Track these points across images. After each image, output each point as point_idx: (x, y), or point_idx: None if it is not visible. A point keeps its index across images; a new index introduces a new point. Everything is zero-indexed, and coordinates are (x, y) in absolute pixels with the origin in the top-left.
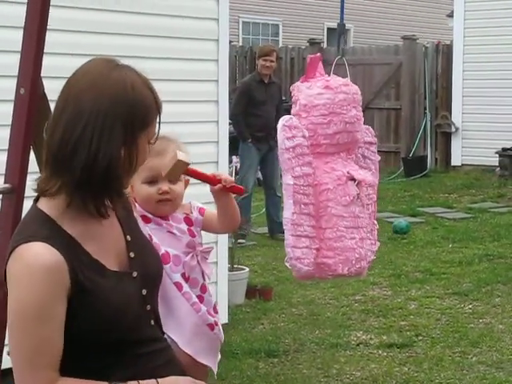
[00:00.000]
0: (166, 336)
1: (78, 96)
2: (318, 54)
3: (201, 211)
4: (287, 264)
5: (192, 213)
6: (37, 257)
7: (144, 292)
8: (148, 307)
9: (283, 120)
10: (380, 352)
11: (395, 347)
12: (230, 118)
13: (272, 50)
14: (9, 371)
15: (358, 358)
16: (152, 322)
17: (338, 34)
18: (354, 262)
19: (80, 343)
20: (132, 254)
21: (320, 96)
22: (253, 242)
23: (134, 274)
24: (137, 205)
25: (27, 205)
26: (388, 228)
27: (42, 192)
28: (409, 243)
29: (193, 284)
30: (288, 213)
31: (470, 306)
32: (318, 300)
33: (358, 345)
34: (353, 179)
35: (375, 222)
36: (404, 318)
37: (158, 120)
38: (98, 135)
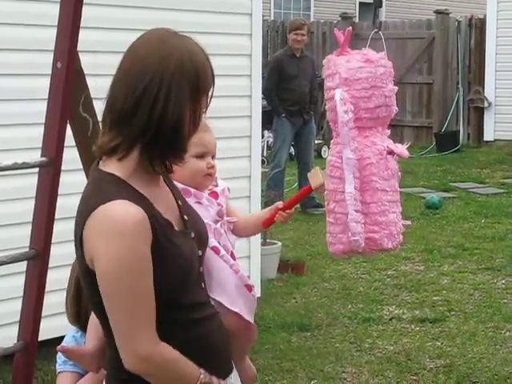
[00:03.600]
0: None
1: (144, 58)
2: (350, 28)
3: (228, 189)
4: (351, 239)
5: (217, 186)
6: (124, 213)
7: (199, 253)
8: (201, 269)
9: (340, 94)
10: (413, 326)
11: (428, 322)
12: (262, 93)
13: (303, 23)
14: (44, 343)
15: (391, 332)
16: (203, 285)
17: (374, 7)
18: (396, 235)
19: None
20: (186, 217)
21: (361, 69)
22: None
23: (192, 235)
24: None
25: (64, 179)
26: (420, 203)
27: (103, 151)
28: (441, 218)
29: (224, 250)
30: (351, 187)
31: (503, 282)
32: (351, 274)
33: (390, 319)
34: (392, 153)
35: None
36: (436, 293)
37: (212, 90)
38: (164, 94)
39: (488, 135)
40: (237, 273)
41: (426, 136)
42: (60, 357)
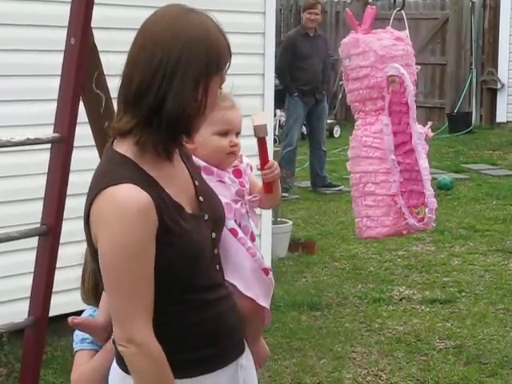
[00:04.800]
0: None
1: (156, 36)
2: (374, 7)
3: (250, 167)
4: (430, 215)
5: (242, 163)
6: (130, 197)
7: (214, 235)
8: (215, 251)
9: (401, 68)
10: (423, 307)
11: (438, 303)
12: (275, 72)
13: (316, 2)
14: (54, 318)
15: (401, 312)
16: (217, 267)
17: None
18: (434, 215)
19: (156, 286)
20: (201, 198)
21: (395, 47)
22: (296, 196)
23: (206, 217)
24: None
25: (76, 155)
26: (432, 184)
27: (116, 132)
28: (453, 199)
29: (244, 231)
30: (426, 162)
31: None
32: (361, 254)
33: (400, 300)
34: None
35: None
36: (447, 274)
37: (228, 65)
38: (170, 74)
39: (501, 117)
40: (253, 256)
41: (439, 117)
42: (77, 335)
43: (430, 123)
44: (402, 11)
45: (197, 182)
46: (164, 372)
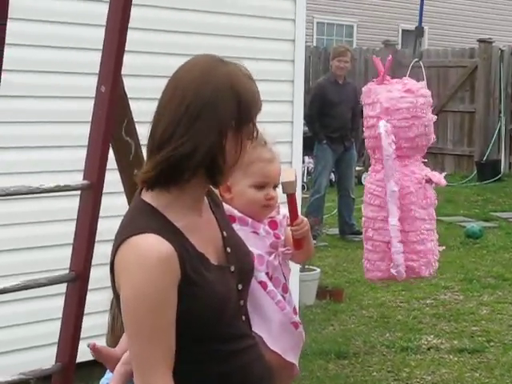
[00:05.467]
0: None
1: (185, 85)
2: (390, 57)
3: (287, 219)
4: (393, 271)
5: (278, 214)
6: (152, 248)
7: (240, 287)
8: (241, 302)
9: (385, 126)
10: (451, 357)
11: (466, 352)
12: (304, 119)
13: (346, 50)
14: (81, 365)
15: (429, 362)
16: (243, 318)
17: (415, 36)
18: (433, 263)
19: (178, 336)
20: (229, 249)
21: (402, 99)
22: (324, 243)
23: (232, 269)
24: (225, 205)
25: (106, 201)
26: (460, 232)
27: (141, 181)
28: (481, 248)
29: (275, 284)
30: (395, 220)
31: None
32: (389, 303)
33: (428, 349)
34: (430, 181)
35: None
36: (476, 323)
37: (257, 117)
38: (193, 122)
39: None
40: (283, 310)
41: (467, 165)
42: (102, 382)
43: (444, 173)
44: (420, 62)
45: (225, 233)
46: None
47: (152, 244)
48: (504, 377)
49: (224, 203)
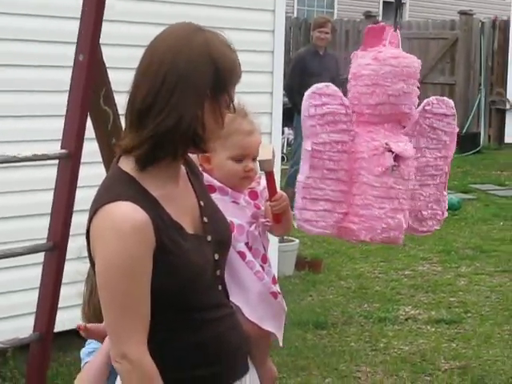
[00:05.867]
0: (232, 303)
1: (160, 54)
2: (382, 24)
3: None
4: (294, 224)
5: (259, 185)
6: (127, 216)
7: (216, 257)
8: (218, 272)
9: (314, 87)
10: (428, 327)
11: (444, 323)
12: (284, 90)
13: (327, 21)
14: (60, 334)
15: (407, 332)
16: (220, 288)
17: (394, 7)
18: (379, 231)
19: (153, 304)
20: (206, 219)
21: (367, 66)
22: None
23: (209, 238)
24: (205, 175)
25: (84, 171)
26: None
27: (121, 150)
28: (460, 220)
29: (255, 254)
30: (301, 177)
31: None
32: (367, 274)
33: (406, 319)
34: (390, 151)
35: (444, 193)
36: (453, 295)
37: (236, 85)
38: (171, 91)
39: (509, 137)
40: (261, 280)
41: None
42: (83, 351)
43: (409, 144)
44: (398, 32)
45: (202, 203)
46: None
47: (127, 212)
48: (480, 347)
49: (204, 173)
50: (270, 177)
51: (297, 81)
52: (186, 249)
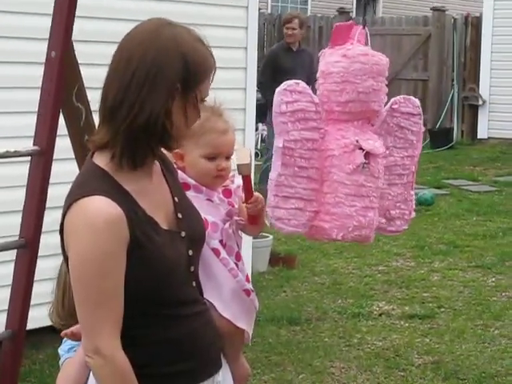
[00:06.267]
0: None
1: (130, 50)
2: (350, 22)
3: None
4: (267, 223)
5: (233, 183)
6: (100, 210)
7: (190, 253)
8: (192, 268)
9: (285, 85)
10: (402, 323)
11: (417, 318)
12: (257, 86)
13: (293, 17)
14: (32, 332)
15: (380, 328)
16: (194, 284)
17: (363, 4)
18: (350, 229)
19: (128, 299)
20: (180, 215)
21: (336, 64)
22: None
23: (183, 234)
24: (180, 172)
25: (56, 168)
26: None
27: (94, 146)
28: (433, 215)
29: (229, 252)
30: (273, 174)
31: (493, 280)
32: (341, 269)
33: (380, 315)
34: (361, 148)
35: (411, 192)
36: (426, 290)
37: (211, 78)
38: (141, 87)
39: (482, 133)
40: (235, 277)
41: None
42: (62, 348)
43: (380, 142)
44: (366, 28)
45: (176, 199)
46: None
47: (100, 206)
48: (454, 342)
49: (179, 170)
50: (246, 180)
51: (269, 76)
52: (159, 243)
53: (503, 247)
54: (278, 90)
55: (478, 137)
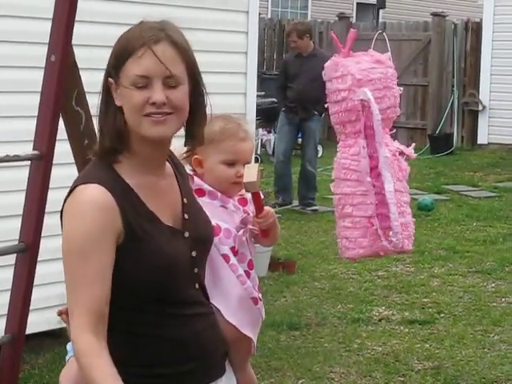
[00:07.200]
0: (211, 305)
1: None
2: (355, 30)
3: None
4: (394, 239)
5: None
6: (90, 196)
7: (193, 254)
8: (195, 270)
9: (370, 93)
10: (402, 328)
11: (417, 324)
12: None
13: (291, 30)
14: (32, 336)
15: (380, 333)
16: (197, 286)
17: (377, 8)
18: (412, 237)
19: (125, 295)
20: (186, 216)
21: (374, 70)
22: (277, 215)
23: (186, 234)
24: (196, 178)
25: (56, 172)
26: (413, 205)
27: (99, 156)
28: (433, 220)
29: (241, 259)
30: (391, 186)
31: (493, 285)
32: (341, 274)
33: (379, 320)
34: (402, 154)
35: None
36: (426, 295)
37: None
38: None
39: (482, 138)
40: (243, 284)
41: (420, 138)
42: (70, 344)
43: (413, 144)
44: (384, 33)
45: (185, 200)
46: (92, 372)
47: (92, 193)
48: (454, 348)
49: (195, 177)
50: (256, 196)
51: (281, 83)
52: (157, 238)
53: (503, 253)
54: (371, 97)
55: (478, 142)
